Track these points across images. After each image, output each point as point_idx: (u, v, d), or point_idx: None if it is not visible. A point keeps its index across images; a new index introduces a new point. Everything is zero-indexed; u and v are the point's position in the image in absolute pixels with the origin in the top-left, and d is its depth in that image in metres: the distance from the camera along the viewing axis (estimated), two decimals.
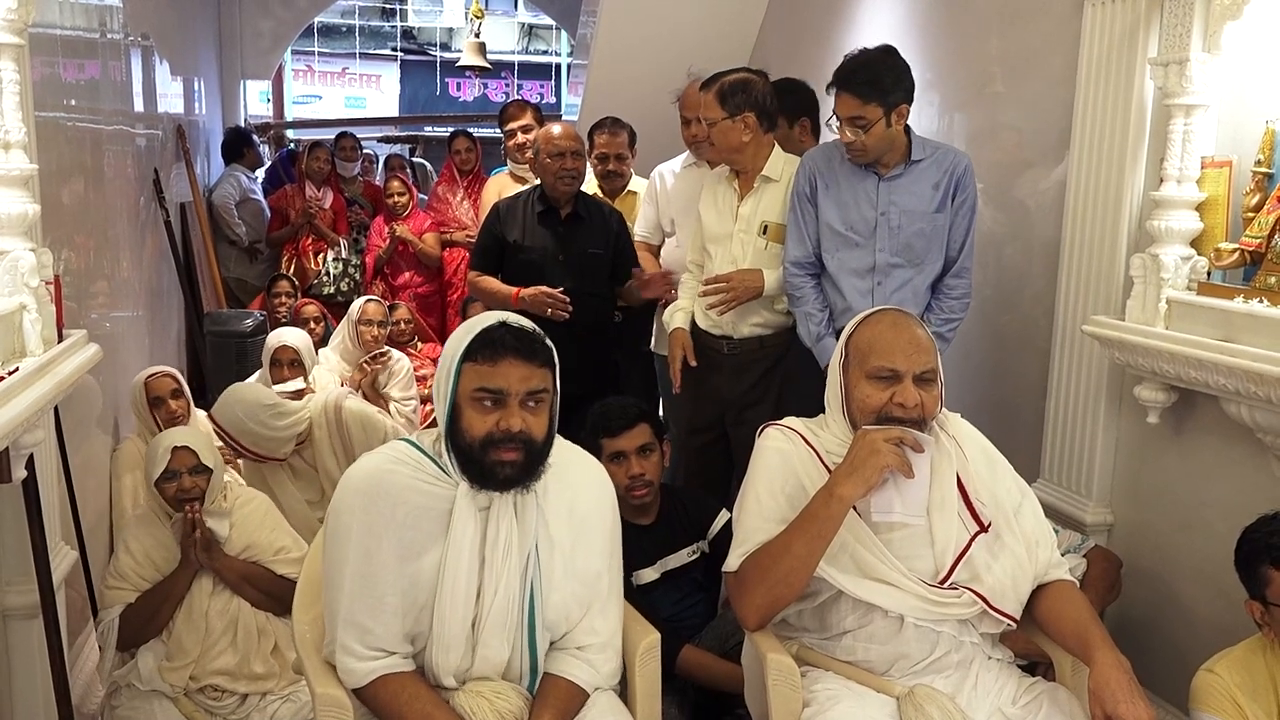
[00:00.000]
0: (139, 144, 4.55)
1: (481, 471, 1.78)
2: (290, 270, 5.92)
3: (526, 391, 1.78)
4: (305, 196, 6.13)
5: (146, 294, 4.41)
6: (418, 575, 1.79)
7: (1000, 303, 3.47)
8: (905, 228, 2.89)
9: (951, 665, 1.93)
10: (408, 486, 1.81)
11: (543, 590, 1.84)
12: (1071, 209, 2.96)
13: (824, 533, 1.85)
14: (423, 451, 1.86)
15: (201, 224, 5.91)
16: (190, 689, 2.55)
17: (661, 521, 2.76)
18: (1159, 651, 2.74)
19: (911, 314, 2.05)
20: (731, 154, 3.11)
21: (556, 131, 3.55)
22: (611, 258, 3.59)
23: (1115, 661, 1.76)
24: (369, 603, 1.78)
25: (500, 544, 1.80)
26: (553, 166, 3.50)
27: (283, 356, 3.84)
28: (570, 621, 1.89)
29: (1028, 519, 1.99)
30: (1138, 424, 2.79)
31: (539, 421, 1.80)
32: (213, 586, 2.61)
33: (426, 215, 5.99)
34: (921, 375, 1.92)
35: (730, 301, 3.08)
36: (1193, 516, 2.67)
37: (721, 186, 3.23)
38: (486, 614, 1.80)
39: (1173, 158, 2.58)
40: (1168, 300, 2.58)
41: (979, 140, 3.58)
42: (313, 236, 6.08)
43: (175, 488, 2.58)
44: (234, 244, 6.27)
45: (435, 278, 5.92)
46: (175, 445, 2.60)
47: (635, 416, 2.70)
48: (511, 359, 1.77)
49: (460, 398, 1.79)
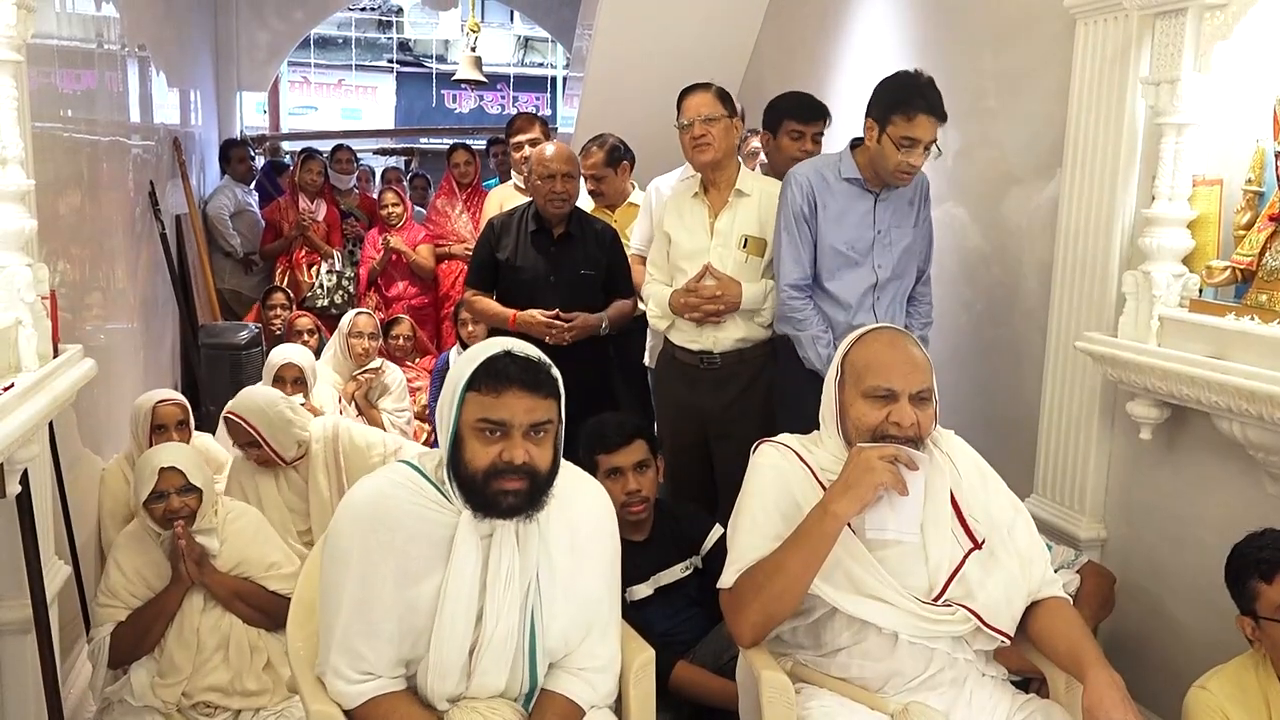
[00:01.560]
0: (135, 155, 4.55)
1: (485, 501, 1.76)
2: (284, 283, 5.92)
3: (530, 423, 1.76)
4: (298, 209, 6.13)
5: (141, 306, 4.40)
6: (416, 601, 1.78)
7: (993, 319, 3.48)
8: (896, 244, 2.97)
9: (945, 682, 1.93)
10: (408, 512, 1.79)
11: (544, 618, 1.83)
12: (1064, 226, 2.98)
13: (819, 550, 1.85)
14: (424, 475, 1.83)
15: (197, 236, 5.91)
16: (183, 705, 2.54)
17: (655, 537, 2.76)
18: (1152, 667, 2.74)
19: (908, 333, 2.06)
20: (726, 158, 3.15)
21: (549, 153, 3.51)
22: (605, 276, 3.58)
23: (1109, 678, 1.77)
24: (364, 629, 1.77)
25: (502, 573, 1.78)
26: (543, 189, 3.47)
27: (287, 374, 3.83)
28: (570, 645, 1.88)
29: (1021, 535, 1.99)
30: (1130, 440, 2.80)
31: (543, 452, 1.78)
32: (204, 603, 2.60)
33: (421, 227, 6.00)
34: (918, 395, 1.93)
35: (717, 313, 3.10)
36: (1185, 532, 2.68)
37: (688, 203, 3.25)
38: (487, 643, 1.79)
39: (1164, 175, 2.60)
40: (1160, 317, 2.59)
41: (971, 156, 3.60)
42: (306, 249, 6.08)
43: (164, 508, 2.57)
44: (229, 256, 6.26)
45: (430, 290, 5.93)
46: (162, 466, 2.59)
47: (631, 432, 2.70)
48: (516, 390, 1.74)
49: (463, 427, 1.77)
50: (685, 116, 3.17)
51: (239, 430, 3.17)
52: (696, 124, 3.13)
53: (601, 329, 3.51)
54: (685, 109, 3.19)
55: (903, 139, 2.78)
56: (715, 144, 3.13)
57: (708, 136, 3.13)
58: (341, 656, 1.78)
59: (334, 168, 6.65)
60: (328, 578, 1.82)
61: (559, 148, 3.57)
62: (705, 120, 3.12)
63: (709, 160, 3.16)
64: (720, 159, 3.16)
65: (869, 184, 2.95)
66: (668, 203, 3.34)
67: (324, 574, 1.84)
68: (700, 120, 3.13)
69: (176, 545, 2.55)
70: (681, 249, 3.22)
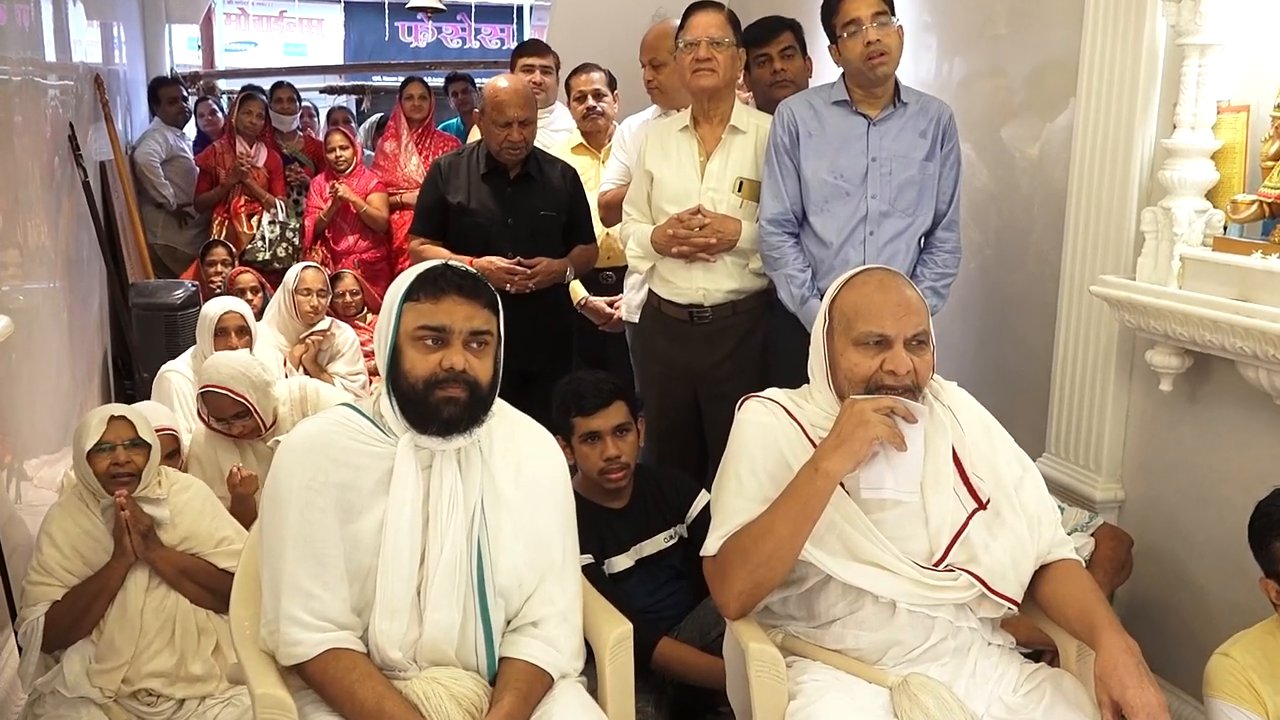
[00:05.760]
0: (52, 96, 4.49)
1: (424, 413, 1.86)
2: (223, 235, 5.87)
3: (470, 331, 1.87)
4: (236, 153, 6.07)
5: (64, 263, 4.36)
6: (358, 537, 1.85)
7: (1001, 262, 3.49)
8: (897, 174, 2.94)
9: (948, 652, 1.96)
10: (346, 448, 1.89)
11: (491, 550, 1.90)
12: (1078, 159, 2.98)
13: (809, 511, 1.87)
14: (363, 414, 1.94)
15: (124, 185, 5.84)
16: (122, 694, 2.55)
17: (635, 504, 2.78)
18: (1172, 635, 2.79)
19: (899, 273, 2.07)
20: (725, 88, 3.10)
21: (504, 97, 3.39)
22: (566, 220, 3.55)
23: (1123, 645, 1.80)
24: (313, 567, 1.84)
25: (445, 499, 1.87)
26: (498, 135, 3.41)
27: (229, 324, 3.77)
28: (524, 589, 1.94)
29: (1029, 495, 2.02)
30: (1150, 392, 2.83)
31: (483, 365, 1.89)
32: (149, 581, 2.61)
33: (373, 174, 5.96)
34: (914, 339, 1.93)
35: (708, 249, 3.07)
36: (1209, 490, 2.72)
37: (676, 139, 3.19)
38: (433, 574, 1.86)
39: (1186, 102, 2.60)
40: (1181, 257, 2.60)
41: (978, 86, 3.59)
42: (245, 198, 6.03)
43: (109, 461, 2.55)
44: (161, 207, 6.21)
45: (383, 243, 5.89)
46: (113, 415, 2.60)
47: (611, 393, 2.70)
48: (455, 296, 1.87)
49: (401, 338, 1.89)
50: (690, 34, 3.07)
51: (224, 403, 3.14)
52: (703, 45, 3.04)
53: (566, 276, 3.50)
54: (691, 27, 3.08)
55: (845, 26, 2.85)
56: (720, 70, 3.05)
57: (713, 61, 3.04)
58: (294, 599, 1.83)
59: (274, 107, 6.58)
60: (269, 521, 1.89)
61: (515, 88, 3.45)
62: (712, 43, 3.05)
63: (709, 86, 3.07)
64: (721, 88, 3.10)
65: (858, 106, 2.95)
66: (649, 136, 3.28)
67: (264, 519, 1.91)
68: (707, 41, 3.04)
69: (119, 517, 2.55)
70: (666, 190, 3.17)
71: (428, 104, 5.99)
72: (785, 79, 3.42)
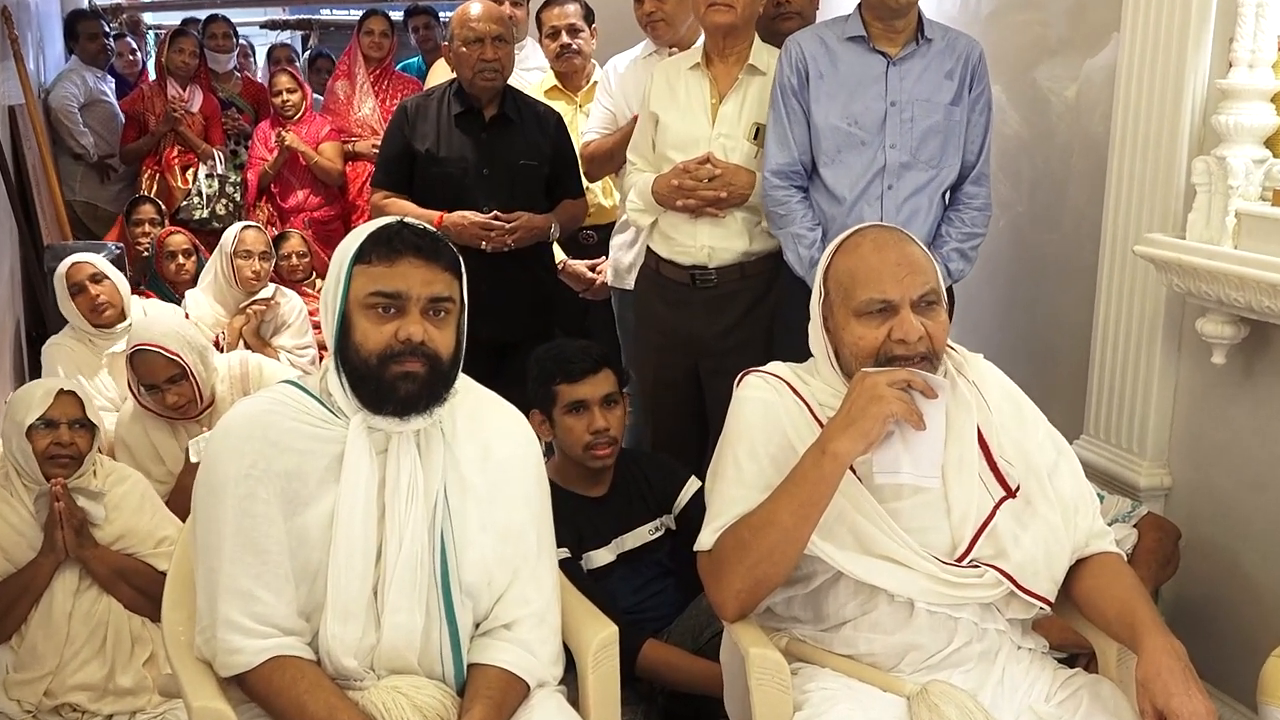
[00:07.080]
0: None
1: (378, 390, 1.84)
2: (153, 191, 5.84)
3: (429, 297, 1.85)
4: (167, 97, 6.03)
5: None
6: (305, 532, 1.84)
7: (1035, 220, 3.50)
8: (919, 121, 2.92)
9: (973, 657, 1.97)
10: (290, 430, 1.87)
11: (456, 544, 1.90)
12: (1121, 103, 2.99)
13: (816, 499, 1.87)
14: (307, 392, 1.92)
15: (37, 134, 5.81)
16: (43, 708, 2.56)
17: (616, 492, 2.79)
18: (1222, 636, 2.82)
19: (897, 228, 2.06)
20: (746, 26, 3.07)
21: (474, 12, 3.41)
22: (549, 169, 3.55)
23: (1167, 647, 1.81)
24: (254, 565, 1.82)
25: (403, 487, 1.86)
26: (469, 57, 3.39)
27: (81, 274, 3.76)
28: (495, 588, 1.94)
29: (1064, 481, 2.02)
30: (1200, 366, 2.85)
31: (444, 336, 1.87)
32: (79, 583, 2.62)
33: (324, 120, 5.93)
34: (922, 299, 1.93)
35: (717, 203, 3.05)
36: (1265, 476, 2.74)
37: (685, 79, 3.17)
38: (391, 572, 1.85)
39: (1243, 37, 2.60)
40: (1237, 213, 2.61)
41: (1010, 19, 3.59)
42: (179, 148, 5.99)
43: (50, 440, 2.56)
44: (80, 159, 6.17)
45: (337, 199, 5.88)
46: (62, 389, 2.59)
47: (599, 359, 2.72)
48: (412, 258, 1.84)
49: (351, 306, 1.86)
50: None
51: (156, 365, 3.10)
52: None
53: (550, 234, 3.49)
54: None
55: None
56: (739, 5, 3.02)
57: None
58: (232, 602, 1.82)
59: (208, 44, 6.54)
60: (203, 515, 1.88)
61: (486, 4, 3.47)
62: None
63: (726, 23, 3.04)
64: (739, 26, 3.07)
65: (876, 43, 2.93)
66: (655, 75, 3.26)
67: (199, 513, 1.89)
68: None
69: (53, 508, 2.54)
70: (673, 135, 3.15)
71: (389, 42, 5.95)
72: (791, 10, 3.40)
